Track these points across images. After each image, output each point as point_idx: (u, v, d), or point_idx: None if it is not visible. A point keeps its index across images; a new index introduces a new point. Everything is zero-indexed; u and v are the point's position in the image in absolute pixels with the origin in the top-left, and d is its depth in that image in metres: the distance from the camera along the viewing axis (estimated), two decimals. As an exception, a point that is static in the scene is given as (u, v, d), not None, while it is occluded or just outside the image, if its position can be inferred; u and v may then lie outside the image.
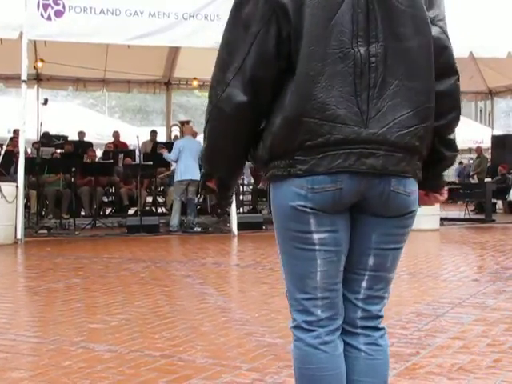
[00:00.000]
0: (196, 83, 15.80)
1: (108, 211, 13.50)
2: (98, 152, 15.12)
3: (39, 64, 13.30)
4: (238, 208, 12.30)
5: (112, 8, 9.68)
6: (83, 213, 12.44)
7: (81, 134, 14.60)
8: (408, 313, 4.44)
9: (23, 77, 9.54)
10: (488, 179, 15.34)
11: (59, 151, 12.72)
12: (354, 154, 1.65)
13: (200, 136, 12.82)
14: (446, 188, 1.96)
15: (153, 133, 14.64)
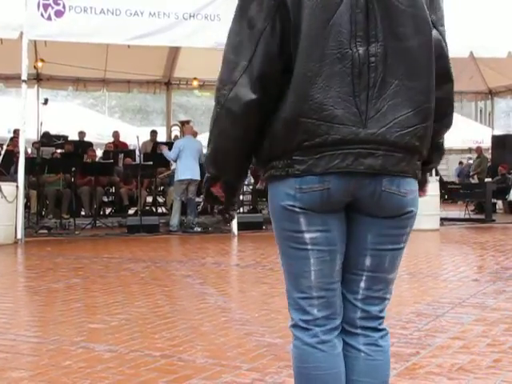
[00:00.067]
0: (196, 83, 15.80)
1: (108, 211, 13.50)
2: (98, 152, 15.12)
3: (39, 64, 13.29)
4: (238, 208, 12.29)
5: (112, 8, 9.68)
6: (83, 213, 12.44)
7: (81, 134, 14.61)
8: (408, 313, 4.44)
9: (23, 77, 9.53)
10: (488, 179, 15.33)
11: (59, 151, 12.73)
12: (352, 155, 1.65)
13: (200, 136, 12.84)
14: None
15: (153, 133, 14.64)
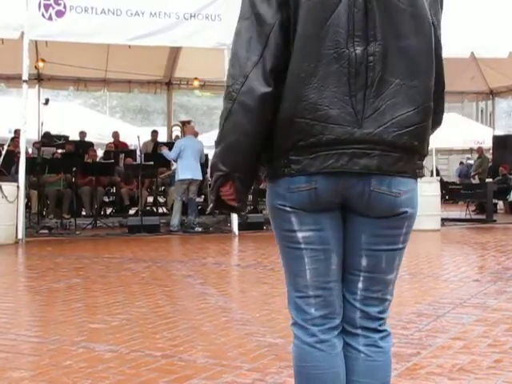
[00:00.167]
0: (197, 83, 15.79)
1: (109, 211, 13.51)
2: (99, 152, 15.12)
3: (40, 64, 13.28)
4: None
5: (113, 8, 9.68)
6: (84, 213, 12.45)
7: (82, 134, 14.62)
8: (409, 313, 4.44)
9: (24, 77, 9.54)
10: (489, 179, 15.33)
11: (60, 151, 12.74)
12: (347, 155, 1.65)
13: (201, 136, 12.84)
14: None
15: (154, 133, 14.65)
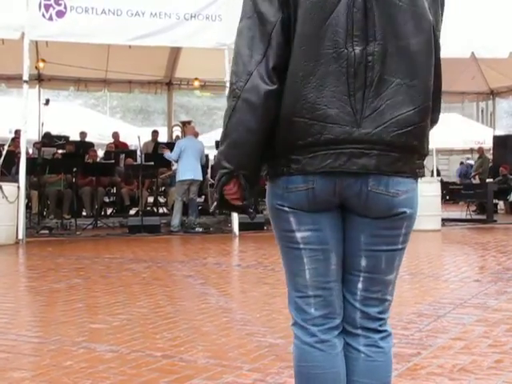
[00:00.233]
0: (197, 83, 15.79)
1: (109, 211, 13.52)
2: (100, 152, 15.13)
3: (41, 64, 13.29)
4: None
5: (113, 8, 9.69)
6: (84, 213, 12.46)
7: (82, 135, 14.63)
8: (409, 313, 4.44)
9: (25, 77, 9.55)
10: (489, 180, 15.33)
11: (61, 151, 12.74)
12: (345, 154, 1.65)
13: (202, 136, 12.84)
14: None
15: (154, 133, 14.65)
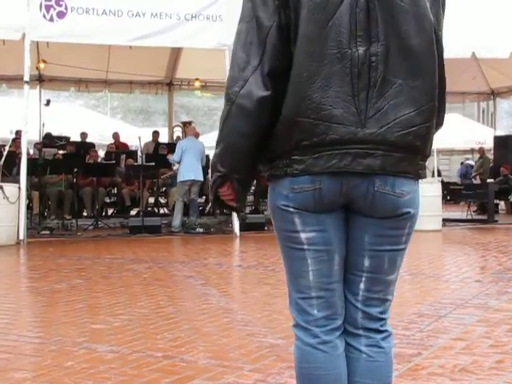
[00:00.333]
0: (198, 84, 15.79)
1: (110, 212, 13.53)
2: (100, 153, 15.15)
3: (41, 65, 13.30)
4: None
5: (114, 9, 9.69)
6: (85, 213, 12.46)
7: (83, 135, 14.63)
8: (410, 313, 4.44)
9: (25, 78, 9.55)
10: (490, 180, 15.32)
11: (61, 152, 12.75)
12: (350, 154, 1.65)
13: (202, 137, 12.84)
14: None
15: (155, 133, 14.66)
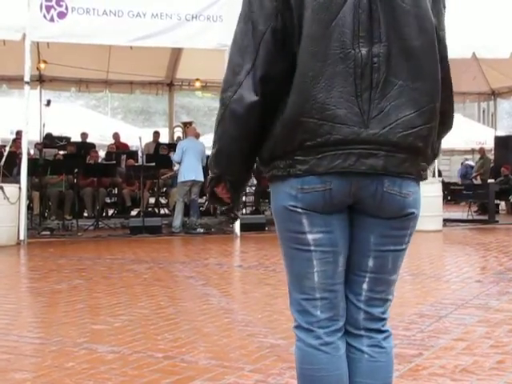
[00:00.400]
0: (198, 84, 15.81)
1: (110, 212, 13.53)
2: (101, 153, 15.16)
3: (42, 65, 13.31)
4: (242, 209, 12.30)
5: (115, 9, 9.69)
6: (86, 214, 12.47)
7: (83, 135, 14.63)
8: (411, 314, 4.44)
9: (26, 78, 9.55)
10: (491, 180, 15.31)
11: (62, 152, 12.76)
12: (354, 155, 1.65)
13: (203, 137, 12.84)
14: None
15: (155, 134, 14.66)
